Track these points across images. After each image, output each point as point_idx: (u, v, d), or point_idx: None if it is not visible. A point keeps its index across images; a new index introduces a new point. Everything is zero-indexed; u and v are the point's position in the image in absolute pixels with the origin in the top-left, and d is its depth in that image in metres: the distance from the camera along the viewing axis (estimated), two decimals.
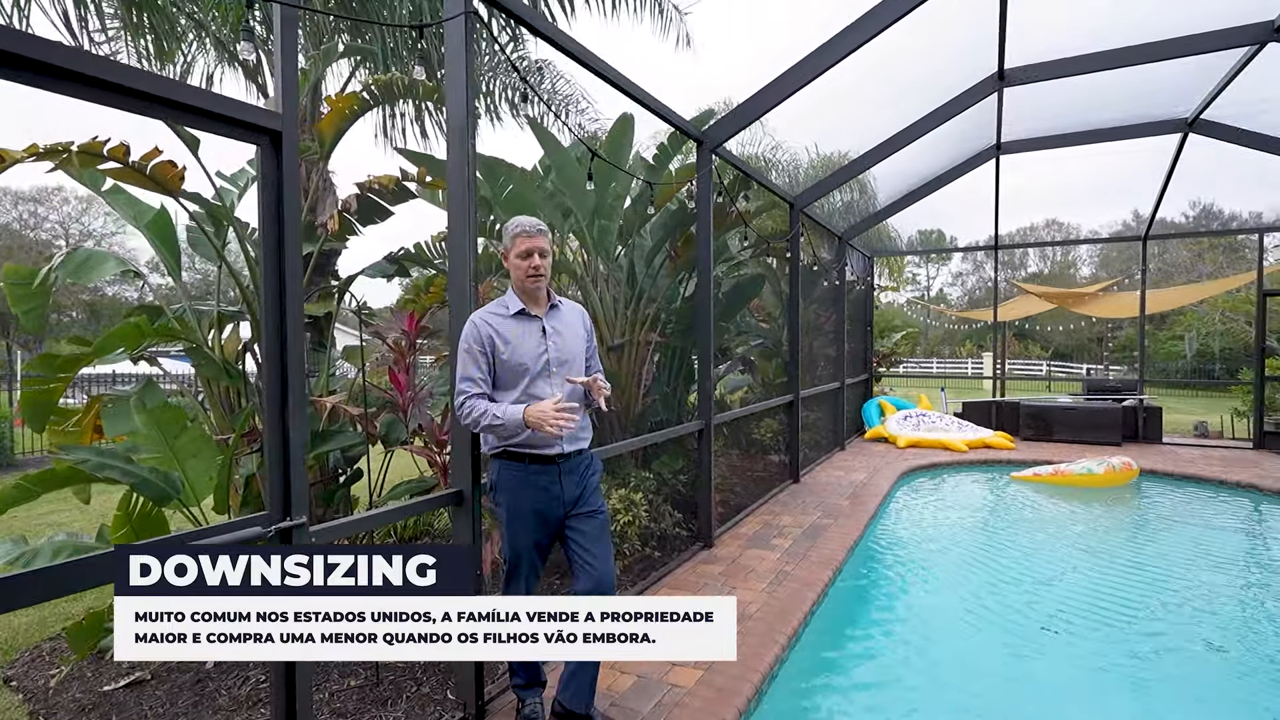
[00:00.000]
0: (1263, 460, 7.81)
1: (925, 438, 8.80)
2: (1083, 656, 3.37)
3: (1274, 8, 4.72)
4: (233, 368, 3.71)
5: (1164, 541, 5.38)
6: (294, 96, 1.92)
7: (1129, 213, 32.30)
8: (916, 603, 4.14)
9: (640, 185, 5.47)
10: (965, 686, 3.12)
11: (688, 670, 2.92)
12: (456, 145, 2.48)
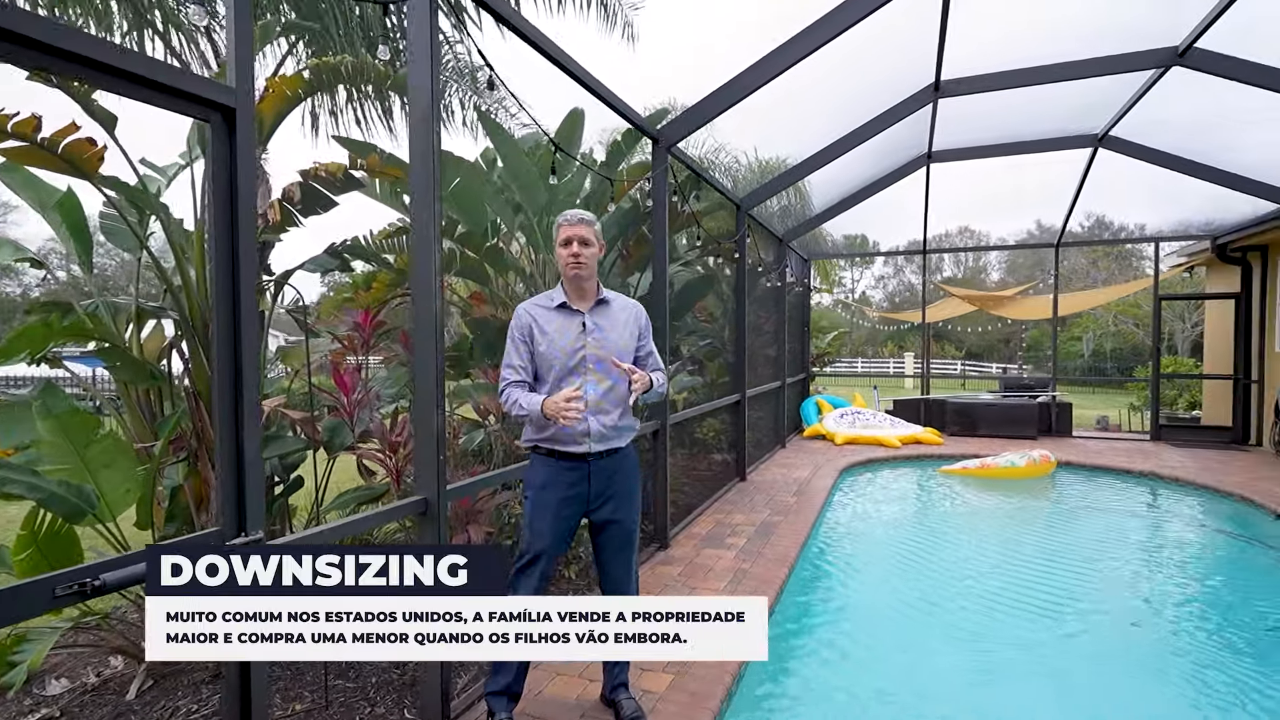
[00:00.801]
0: (1160, 451, 8.51)
1: (861, 434, 9.10)
2: (1023, 637, 3.56)
3: (1178, 34, 5.13)
4: (155, 369, 3.39)
5: (1083, 526, 5.78)
6: (249, 69, 1.75)
7: (1033, 223, 34.73)
8: (867, 595, 4.25)
9: (592, 183, 5.41)
10: (919, 672, 3.22)
11: (659, 675, 2.87)
12: (421, 132, 2.34)
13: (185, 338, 3.15)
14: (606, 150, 6.40)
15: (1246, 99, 5.50)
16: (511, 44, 3.06)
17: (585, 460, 2.36)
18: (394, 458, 3.06)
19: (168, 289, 3.72)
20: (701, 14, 5.22)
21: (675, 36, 6.13)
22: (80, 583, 1.41)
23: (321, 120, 4.63)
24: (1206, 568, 4.94)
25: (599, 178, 5.33)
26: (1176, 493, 6.76)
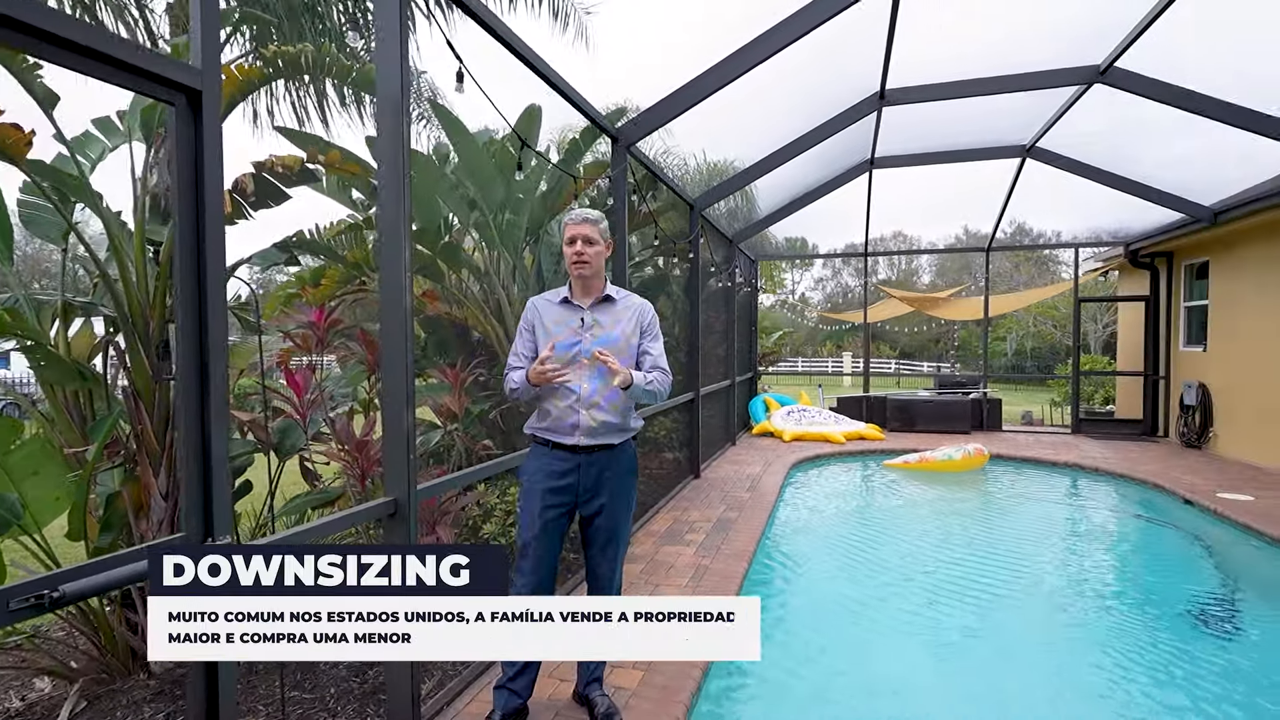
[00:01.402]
0: (1080, 443, 9.09)
1: (808, 431, 9.35)
2: (966, 621, 3.75)
3: (1101, 54, 5.50)
4: (85, 369, 3.17)
5: (1016, 515, 6.12)
6: (216, 47, 1.66)
7: (960, 228, 36.53)
8: (821, 586, 4.38)
9: (549, 181, 5.36)
10: (872, 657, 3.35)
11: (629, 671, 2.88)
12: (390, 127, 2.27)
13: (124, 335, 2.95)
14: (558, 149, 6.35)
15: (1157, 116, 5.95)
16: (465, 36, 3.00)
17: (576, 452, 2.39)
18: (359, 458, 2.95)
19: (97, 283, 3.49)
20: (656, 19, 5.26)
21: (630, 40, 6.14)
22: (37, 595, 1.31)
23: (276, 110, 4.41)
24: (1128, 551, 5.32)
25: (556, 176, 5.30)
26: (1097, 481, 7.25)
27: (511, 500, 4.23)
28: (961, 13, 5.01)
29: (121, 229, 3.05)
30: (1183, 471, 7.04)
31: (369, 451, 2.93)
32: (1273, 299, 7.18)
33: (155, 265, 3.08)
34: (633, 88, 4.87)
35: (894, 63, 5.53)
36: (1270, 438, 7.21)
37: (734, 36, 4.43)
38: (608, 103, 5.27)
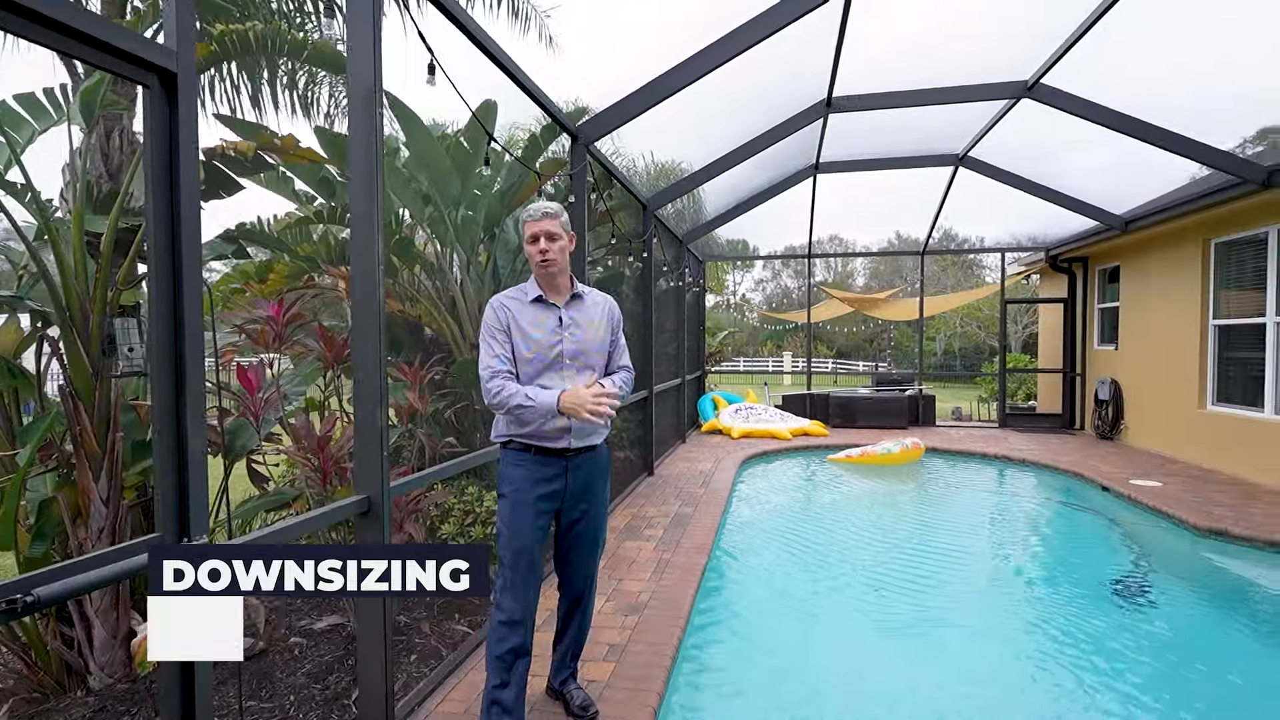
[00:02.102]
0: (1008, 436, 9.65)
1: (755, 428, 9.58)
2: (912, 604, 3.95)
3: (1029, 70, 5.88)
4: (14, 366, 2.95)
5: (952, 504, 6.47)
6: (190, 27, 1.60)
7: (892, 232, 38.15)
8: (776, 577, 4.51)
9: (505, 180, 5.31)
10: (832, 640, 3.49)
11: (600, 664, 2.90)
12: (362, 116, 2.22)
13: (61, 330, 2.77)
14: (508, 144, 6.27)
15: (1077, 130, 6.40)
16: (425, 26, 2.95)
17: (564, 456, 2.30)
18: (321, 457, 2.86)
19: (23, 274, 3.27)
20: (615, 20, 5.28)
21: (588, 41, 6.13)
22: (9, 600, 1.24)
23: (228, 95, 4.20)
24: (1055, 534, 5.71)
25: (513, 173, 5.26)
26: (1024, 471, 7.72)
27: (470, 499, 4.18)
28: (905, 26, 5.26)
29: (46, 217, 2.86)
30: (1099, 461, 7.59)
31: (331, 450, 2.85)
32: (1175, 301, 7.83)
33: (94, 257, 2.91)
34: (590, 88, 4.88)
35: (840, 71, 5.74)
36: (1174, 429, 7.86)
37: (691, 38, 4.51)
38: (566, 102, 5.27)
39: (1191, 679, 3.19)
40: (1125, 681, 3.09)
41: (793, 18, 4.20)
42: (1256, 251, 6.66)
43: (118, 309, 2.87)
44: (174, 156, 1.56)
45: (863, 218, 14.02)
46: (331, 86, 4.58)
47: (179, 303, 1.57)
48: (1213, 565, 4.65)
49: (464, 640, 3.41)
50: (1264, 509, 5.42)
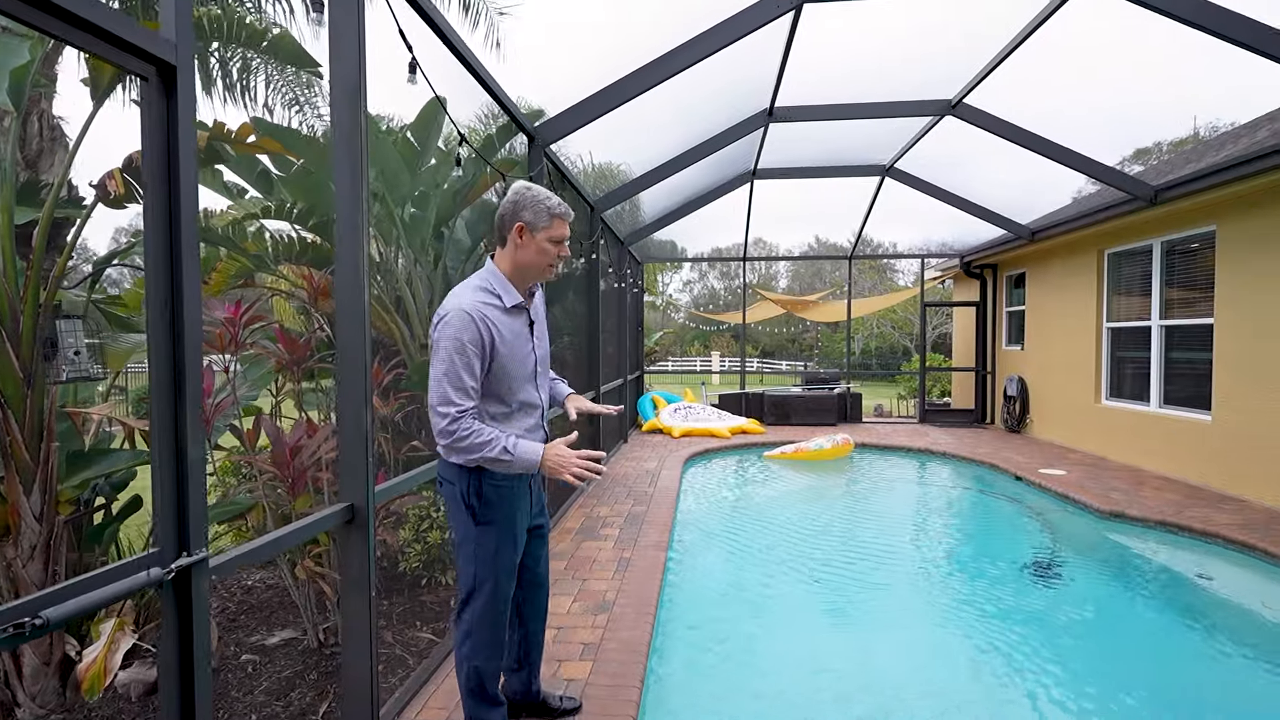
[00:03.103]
0: (928, 431, 10.29)
1: (695, 427, 9.78)
2: (852, 590, 4.20)
3: (952, 89, 6.31)
4: None
5: (882, 496, 6.86)
6: (190, 18, 1.53)
7: (811, 237, 39.82)
8: (732, 567, 4.67)
9: (454, 176, 5.21)
10: (788, 624, 3.66)
11: (576, 664, 2.93)
12: (345, 109, 2.17)
13: None
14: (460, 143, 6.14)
15: (990, 146, 6.94)
16: (378, 15, 2.88)
17: (531, 472, 2.08)
18: (292, 464, 2.74)
19: None
20: (570, 21, 5.27)
21: (543, 42, 6.07)
22: (16, 624, 1.16)
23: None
24: (975, 520, 6.16)
25: (466, 171, 5.17)
26: (945, 463, 8.27)
27: (426, 504, 4.11)
28: (843, 42, 5.53)
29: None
30: (1011, 452, 8.22)
31: (303, 457, 2.74)
32: (1072, 305, 8.59)
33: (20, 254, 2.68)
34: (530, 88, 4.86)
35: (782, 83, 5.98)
36: (1074, 422, 8.62)
37: (647, 41, 4.59)
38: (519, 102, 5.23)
39: (1098, 643, 3.58)
40: (1040, 648, 3.44)
41: (750, 29, 4.36)
42: (1143, 261, 7.42)
43: (54, 309, 2.65)
44: (171, 153, 1.49)
45: (785, 222, 14.54)
46: (269, 74, 4.37)
47: (177, 304, 1.50)
48: (1113, 544, 5.15)
49: (430, 647, 3.35)
50: (1153, 492, 6.05)
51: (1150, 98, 7.95)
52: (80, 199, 3.29)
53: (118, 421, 2.85)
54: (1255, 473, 5.74)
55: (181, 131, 1.49)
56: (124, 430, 2.88)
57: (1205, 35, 4.20)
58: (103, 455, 2.87)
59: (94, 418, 2.76)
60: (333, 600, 3.29)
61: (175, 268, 1.50)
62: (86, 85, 2.77)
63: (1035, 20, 4.83)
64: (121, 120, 3.21)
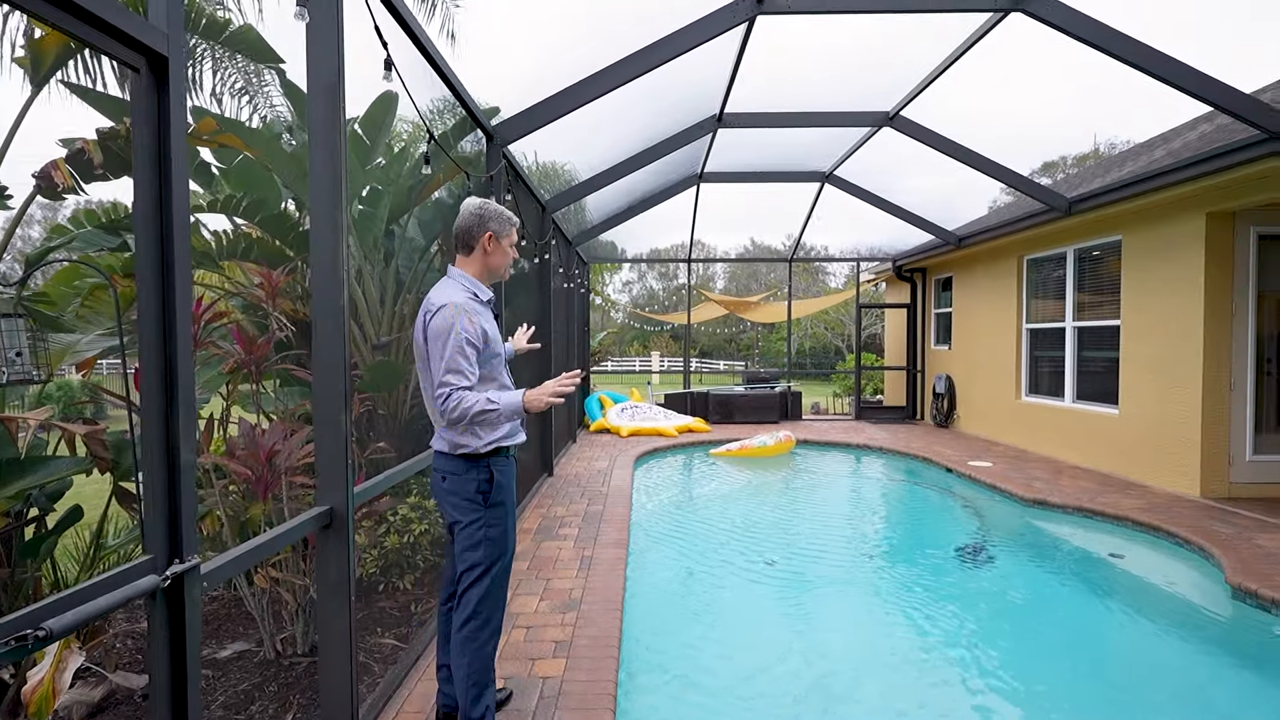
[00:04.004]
0: (864, 427, 10.75)
1: (643, 426, 9.88)
2: (799, 577, 4.40)
3: (890, 102, 6.65)
4: None
5: (825, 489, 7.15)
6: (181, 7, 1.48)
7: (748, 239, 40.82)
8: (691, 560, 4.78)
9: (408, 172, 5.10)
10: (746, 611, 3.80)
11: (550, 661, 2.96)
12: (324, 112, 2.13)
13: None
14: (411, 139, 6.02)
15: (916, 156, 7.35)
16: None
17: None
18: (265, 468, 2.64)
19: None
20: (526, 20, 5.22)
21: (499, 39, 5.98)
22: (18, 636, 1.11)
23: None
24: (911, 509, 6.51)
25: (418, 167, 5.08)
26: (881, 457, 8.68)
27: (414, 502, 4.07)
28: (794, 49, 5.73)
29: None
30: (941, 446, 8.71)
31: (276, 462, 2.64)
32: (995, 307, 9.18)
33: None
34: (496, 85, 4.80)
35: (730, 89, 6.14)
36: (997, 417, 9.21)
37: (605, 45, 4.64)
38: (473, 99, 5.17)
39: (1023, 617, 3.93)
40: (972, 622, 3.75)
41: (708, 37, 4.47)
42: (1058, 267, 8.01)
43: None
44: (163, 149, 1.44)
45: (724, 224, 14.89)
46: (215, 63, 4.17)
47: (169, 302, 1.45)
48: (1036, 528, 5.56)
49: (395, 652, 3.30)
50: (1070, 481, 6.56)
51: (1057, 115, 8.61)
52: (5, 191, 3.07)
53: (56, 426, 2.68)
54: (1156, 461, 6.31)
55: (174, 122, 1.45)
56: (67, 435, 2.70)
57: (1105, 61, 4.60)
58: (39, 463, 2.69)
59: (32, 422, 2.58)
60: (293, 609, 3.19)
61: (167, 267, 1.45)
62: (22, 67, 2.59)
63: (968, 42, 5.16)
64: (62, 107, 3.00)
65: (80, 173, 2.56)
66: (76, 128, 3.06)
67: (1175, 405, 6.08)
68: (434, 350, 2.11)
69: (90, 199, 2.77)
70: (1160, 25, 5.70)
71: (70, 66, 2.79)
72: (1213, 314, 5.79)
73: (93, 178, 2.76)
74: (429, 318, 2.14)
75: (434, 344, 2.11)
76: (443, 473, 2.23)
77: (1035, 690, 3.07)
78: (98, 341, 3.43)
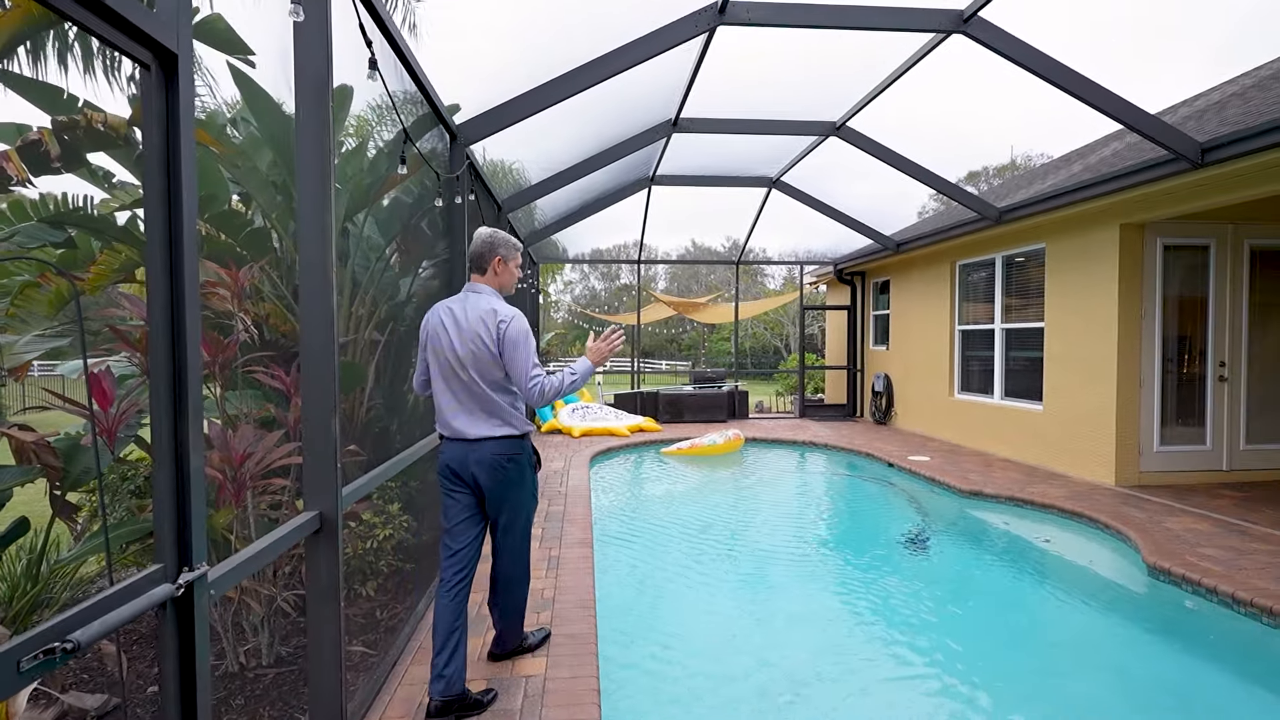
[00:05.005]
0: (808, 425, 11.12)
1: (594, 426, 9.91)
2: (753, 570, 4.57)
3: (837, 113, 6.93)
4: None
5: (775, 486, 7.38)
6: (189, 4, 1.45)
7: (689, 240, 41.37)
8: (655, 556, 4.88)
9: (368, 169, 4.98)
10: (707, 603, 3.92)
11: (529, 661, 2.98)
12: (313, 106, 2.09)
13: None
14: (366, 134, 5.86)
15: (857, 163, 7.70)
16: None
17: None
18: (239, 470, 2.54)
19: None
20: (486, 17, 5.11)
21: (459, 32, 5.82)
22: (47, 650, 1.08)
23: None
24: (856, 502, 6.81)
25: (377, 166, 4.97)
26: (826, 453, 9.02)
27: (379, 505, 4.01)
28: (746, 62, 5.90)
29: None
30: (882, 442, 9.12)
31: (248, 465, 2.55)
32: (930, 310, 9.69)
33: None
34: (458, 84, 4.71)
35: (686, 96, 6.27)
36: (932, 414, 9.71)
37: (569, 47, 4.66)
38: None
39: (964, 597, 4.23)
40: (916, 608, 4.02)
41: (671, 45, 4.57)
42: (987, 273, 8.53)
43: None
44: (171, 148, 1.41)
45: (669, 225, 15.06)
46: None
47: (178, 304, 1.42)
48: (973, 517, 5.93)
49: (364, 660, 3.24)
50: (1000, 473, 7.01)
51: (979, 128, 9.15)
52: None
53: (2, 434, 2.52)
54: (1076, 453, 6.83)
55: (183, 119, 1.42)
56: (15, 443, 2.54)
57: (1025, 80, 4.98)
58: None
59: None
60: (258, 619, 3.09)
61: (176, 269, 1.42)
62: None
63: (913, 58, 5.45)
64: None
65: (34, 165, 2.41)
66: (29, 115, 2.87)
67: (1093, 401, 6.60)
68: (518, 350, 2.58)
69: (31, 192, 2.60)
70: (1077, 47, 6.17)
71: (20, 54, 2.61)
72: (1126, 316, 6.32)
73: (48, 170, 2.61)
74: (504, 326, 2.58)
75: (517, 345, 2.58)
76: (511, 456, 2.68)
77: (976, 664, 3.34)
78: (35, 344, 3.23)
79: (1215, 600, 3.81)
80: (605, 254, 18.91)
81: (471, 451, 2.60)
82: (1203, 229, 6.45)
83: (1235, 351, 6.53)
